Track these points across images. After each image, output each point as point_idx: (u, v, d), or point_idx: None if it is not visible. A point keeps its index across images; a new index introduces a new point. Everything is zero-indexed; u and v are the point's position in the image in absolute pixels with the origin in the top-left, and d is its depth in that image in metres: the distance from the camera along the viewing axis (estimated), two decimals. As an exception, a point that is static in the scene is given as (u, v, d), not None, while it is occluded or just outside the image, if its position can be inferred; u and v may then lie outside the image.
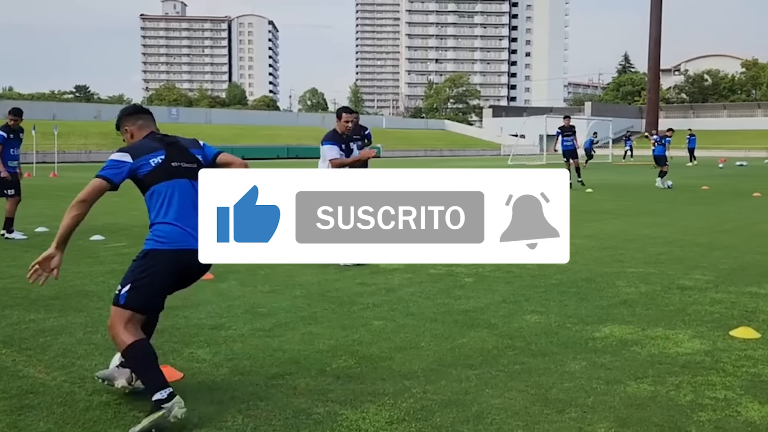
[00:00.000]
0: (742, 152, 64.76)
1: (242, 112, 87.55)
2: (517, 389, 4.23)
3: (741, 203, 16.70)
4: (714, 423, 3.74)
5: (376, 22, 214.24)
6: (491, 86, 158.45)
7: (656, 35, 77.18)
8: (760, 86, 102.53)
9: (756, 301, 6.52)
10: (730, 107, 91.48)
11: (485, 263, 8.44)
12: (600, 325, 5.70)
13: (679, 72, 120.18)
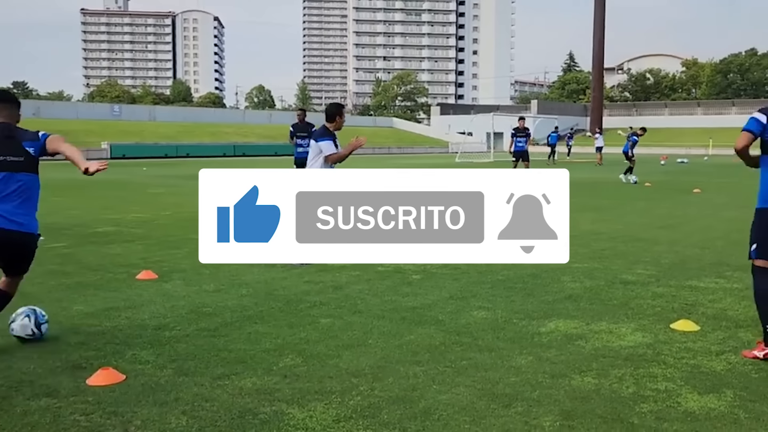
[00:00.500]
0: (682, 150, 66.48)
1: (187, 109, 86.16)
2: (464, 384, 4.25)
3: (682, 199, 17.14)
4: (655, 414, 3.82)
5: (323, 19, 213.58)
6: (439, 84, 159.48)
7: (600, 35, 78.67)
8: (699, 85, 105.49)
9: (696, 295, 6.68)
10: (671, 105, 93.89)
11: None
12: (546, 320, 5.77)
13: (623, 71, 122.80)
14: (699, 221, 12.57)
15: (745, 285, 7.03)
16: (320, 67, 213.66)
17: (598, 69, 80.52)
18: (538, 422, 3.70)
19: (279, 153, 55.22)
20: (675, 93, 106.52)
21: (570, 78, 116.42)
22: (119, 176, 26.70)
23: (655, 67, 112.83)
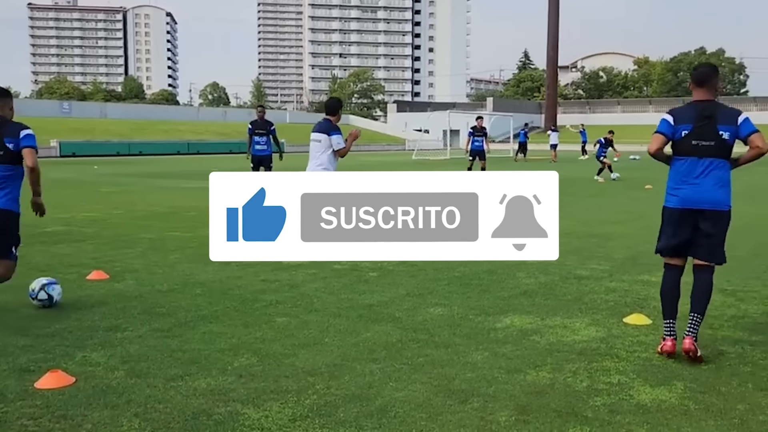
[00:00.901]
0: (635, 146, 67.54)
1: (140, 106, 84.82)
2: (420, 381, 4.25)
3: (634, 195, 17.45)
4: (608, 407, 3.87)
5: (278, 15, 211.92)
6: (395, 81, 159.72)
7: (554, 33, 79.66)
8: (651, 83, 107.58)
9: (648, 289, 6.80)
10: (624, 103, 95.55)
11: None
12: (501, 315, 5.81)
13: (576, 69, 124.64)
14: (651, 217, 12.77)
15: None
16: (276, 64, 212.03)
17: (553, 67, 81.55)
18: (494, 417, 3.72)
19: (234, 150, 54.66)
20: (627, 91, 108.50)
21: (525, 76, 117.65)
22: (69, 175, 26.14)
23: (608, 65, 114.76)
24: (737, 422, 3.66)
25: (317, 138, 8.87)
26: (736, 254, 5.85)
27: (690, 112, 4.87)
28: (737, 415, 3.74)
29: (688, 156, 4.85)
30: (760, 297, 6.44)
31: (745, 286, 6.87)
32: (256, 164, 15.78)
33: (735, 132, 4.78)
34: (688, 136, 4.82)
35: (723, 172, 4.84)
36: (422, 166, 34.70)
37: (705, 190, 4.81)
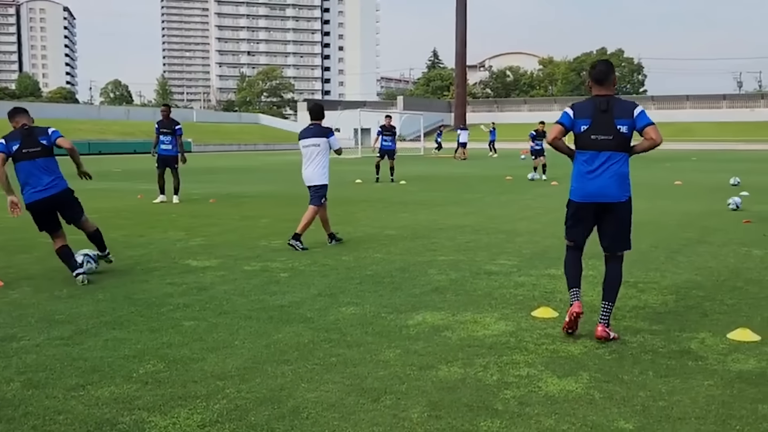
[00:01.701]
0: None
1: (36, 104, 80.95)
2: (332, 381, 4.21)
3: (541, 191, 17.93)
4: (518, 399, 3.94)
5: (183, 12, 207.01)
6: (305, 80, 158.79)
7: (462, 33, 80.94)
8: (555, 82, 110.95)
9: (554, 283, 6.98)
10: (530, 102, 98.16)
11: (301, 258, 8.41)
12: (413, 312, 5.84)
13: (484, 68, 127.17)
14: (557, 212, 13.16)
15: (598, 272, 7.41)
16: (181, 62, 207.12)
17: (461, 66, 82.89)
18: (407, 414, 3.72)
19: (138, 150, 53.11)
20: (533, 90, 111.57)
21: (434, 75, 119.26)
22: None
23: (515, 65, 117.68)
24: (639, 409, 3.79)
25: (316, 142, 9.48)
26: (637, 248, 6.07)
27: (589, 107, 5.07)
28: (639, 402, 3.88)
29: (588, 150, 5.06)
30: (659, 288, 6.72)
31: (645, 277, 7.15)
32: (161, 164, 15.41)
33: (632, 125, 4.98)
34: (588, 131, 5.03)
35: (622, 165, 5.04)
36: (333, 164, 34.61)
37: (605, 183, 5.02)
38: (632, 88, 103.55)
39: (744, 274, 7.36)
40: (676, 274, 7.35)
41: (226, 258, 8.36)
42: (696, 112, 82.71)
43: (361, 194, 17.50)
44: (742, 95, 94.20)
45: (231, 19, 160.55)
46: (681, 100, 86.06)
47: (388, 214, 12.95)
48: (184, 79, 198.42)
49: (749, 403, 3.86)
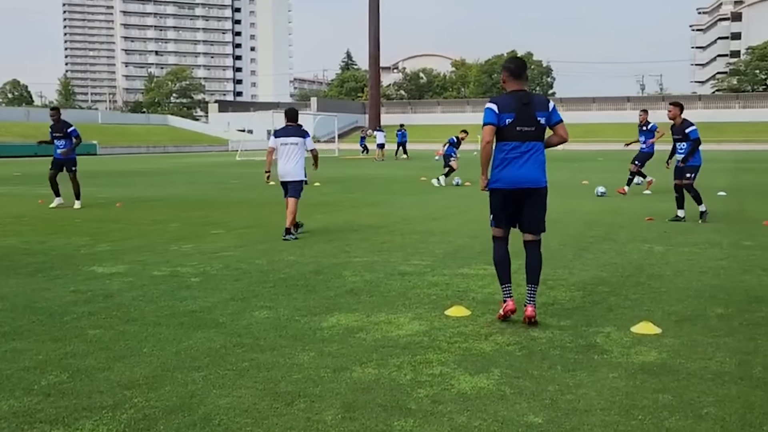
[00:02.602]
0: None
1: (-72, 105, 76.77)
2: (245, 386, 4.14)
3: (454, 192, 18.20)
4: (431, 398, 3.97)
5: (86, 9, 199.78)
6: (216, 80, 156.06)
7: (375, 34, 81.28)
8: (468, 84, 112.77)
9: (467, 282, 7.09)
10: (444, 103, 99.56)
11: (212, 262, 8.25)
12: (327, 315, 5.81)
13: (398, 70, 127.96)
14: (469, 212, 13.41)
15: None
16: (85, 61, 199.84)
17: (375, 68, 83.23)
18: (321, 417, 3.70)
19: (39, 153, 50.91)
20: (446, 92, 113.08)
21: (348, 76, 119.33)
22: None
23: (428, 66, 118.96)
24: (548, 403, 3.89)
25: (294, 141, 10.30)
26: (546, 246, 6.25)
27: (511, 101, 5.43)
28: (548, 396, 3.98)
29: (514, 141, 5.42)
30: (567, 285, 6.92)
31: (554, 275, 7.35)
32: (56, 167, 14.97)
33: (548, 117, 5.46)
34: (513, 123, 5.39)
35: (542, 153, 5.52)
36: (246, 166, 34.18)
37: (529, 170, 5.43)
38: (542, 90, 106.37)
39: (646, 269, 7.67)
40: (583, 271, 7.59)
41: (134, 263, 8.11)
42: (602, 114, 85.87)
43: (275, 196, 17.29)
44: (645, 97, 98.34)
45: (137, 18, 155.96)
46: (587, 102, 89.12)
47: (301, 216, 12.84)
48: (88, 80, 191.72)
49: (651, 393, 4.01)
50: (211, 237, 10.29)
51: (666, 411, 3.76)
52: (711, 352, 4.76)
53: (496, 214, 5.64)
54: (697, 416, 3.69)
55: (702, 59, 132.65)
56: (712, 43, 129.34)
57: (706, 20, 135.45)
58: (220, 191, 19.10)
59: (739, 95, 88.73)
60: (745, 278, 7.18)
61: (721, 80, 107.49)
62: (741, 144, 66.62)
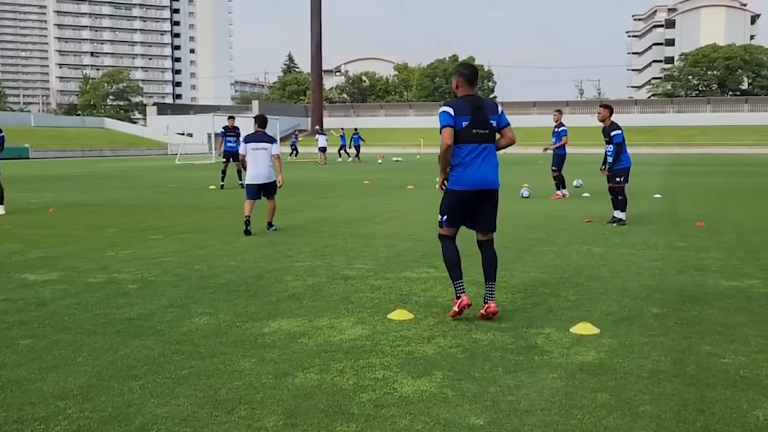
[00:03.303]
0: (398, 149, 71.03)
1: None
2: (184, 395, 4.06)
3: (398, 195, 18.25)
4: (374, 402, 3.96)
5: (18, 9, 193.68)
6: (155, 83, 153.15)
7: (317, 37, 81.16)
8: (410, 88, 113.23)
9: (410, 285, 7.10)
10: (387, 107, 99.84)
11: (151, 268, 8.08)
12: (269, 320, 5.75)
13: (340, 73, 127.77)
14: (413, 215, 13.45)
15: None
16: (16, 62, 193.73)
17: (317, 71, 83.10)
18: (262, 424, 3.64)
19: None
20: (389, 95, 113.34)
21: (290, 79, 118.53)
22: None
23: (371, 70, 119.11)
24: (489, 404, 3.91)
25: (264, 147, 11.06)
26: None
27: (466, 105, 5.60)
28: (489, 398, 4.01)
29: (470, 143, 5.57)
30: (509, 287, 7.00)
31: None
32: None
33: (499, 120, 5.70)
34: (469, 126, 5.55)
35: (495, 155, 5.74)
36: (186, 170, 33.65)
37: (486, 172, 5.63)
38: (483, 94, 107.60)
39: (585, 270, 7.82)
40: (524, 273, 7.69)
41: (69, 270, 7.88)
42: (542, 118, 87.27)
43: (215, 201, 17.10)
44: (583, 102, 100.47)
45: (72, 18, 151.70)
46: (528, 106, 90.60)
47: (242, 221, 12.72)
48: (20, 81, 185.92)
49: (589, 393, 4.08)
50: (149, 242, 10.08)
51: (604, 410, 3.83)
52: (647, 351, 4.88)
53: (451, 214, 5.75)
54: (634, 414, 3.77)
55: (638, 65, 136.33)
56: (648, 49, 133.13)
57: (642, 27, 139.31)
58: (159, 196, 18.74)
59: (674, 100, 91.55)
60: (679, 278, 7.39)
61: (656, 85, 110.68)
62: (675, 147, 68.66)
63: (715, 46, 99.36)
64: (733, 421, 3.67)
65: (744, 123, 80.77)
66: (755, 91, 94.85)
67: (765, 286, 6.95)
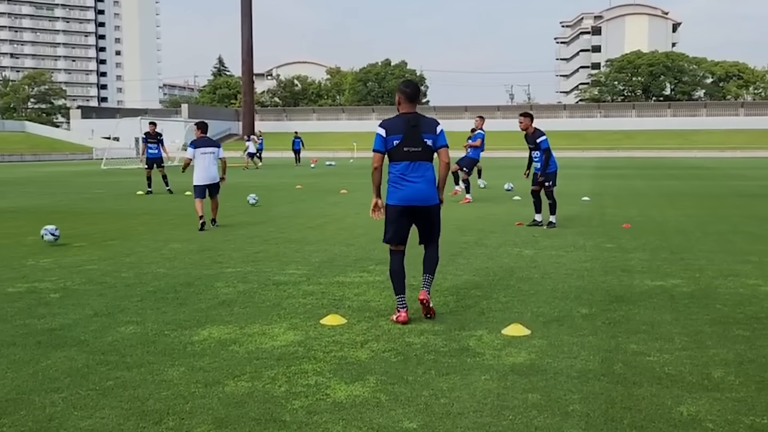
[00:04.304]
0: (330, 153, 70.87)
1: None
2: (110, 406, 3.92)
3: (330, 200, 18.16)
4: (306, 408, 3.90)
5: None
6: (79, 85, 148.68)
7: (248, 41, 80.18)
8: (343, 92, 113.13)
9: (343, 290, 7.06)
10: (319, 111, 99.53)
11: (74, 276, 7.81)
12: (199, 328, 5.62)
13: (272, 77, 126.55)
14: (346, 220, 13.41)
15: (385, 277, 7.63)
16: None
17: (248, 74, 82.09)
18: (192, 436, 3.55)
19: None
20: (322, 99, 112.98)
21: (221, 82, 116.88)
22: None
23: (303, 74, 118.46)
24: (422, 407, 3.91)
25: (211, 151, 12.02)
26: (418, 251, 6.32)
27: (400, 123, 5.74)
28: (422, 401, 4.00)
29: (402, 161, 5.71)
30: (441, 290, 7.03)
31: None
32: None
33: (435, 140, 5.76)
34: (400, 144, 5.69)
35: (430, 172, 5.79)
36: (112, 175, 32.78)
37: (419, 189, 5.72)
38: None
39: (516, 272, 7.93)
40: (457, 276, 7.75)
41: (-13, 280, 7.55)
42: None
43: (143, 206, 16.69)
44: (514, 106, 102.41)
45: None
46: (460, 111, 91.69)
47: (171, 228, 12.45)
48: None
49: (520, 393, 4.13)
50: (73, 250, 9.75)
51: (535, 410, 3.87)
52: (576, 351, 4.97)
53: (390, 230, 5.82)
54: (564, 414, 3.82)
55: (566, 70, 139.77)
56: (575, 56, 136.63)
57: (569, 33, 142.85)
58: (84, 202, 18.18)
59: (601, 105, 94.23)
60: (606, 279, 7.57)
61: (584, 91, 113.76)
62: (602, 151, 70.62)
63: (639, 52, 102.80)
64: (659, 418, 3.76)
65: (667, 127, 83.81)
66: (677, 96, 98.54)
67: (688, 286, 7.19)
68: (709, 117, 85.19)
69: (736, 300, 6.53)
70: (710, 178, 27.64)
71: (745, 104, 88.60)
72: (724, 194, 19.43)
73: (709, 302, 6.45)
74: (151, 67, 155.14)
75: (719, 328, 5.57)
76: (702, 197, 18.36)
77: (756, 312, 6.07)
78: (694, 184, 24.18)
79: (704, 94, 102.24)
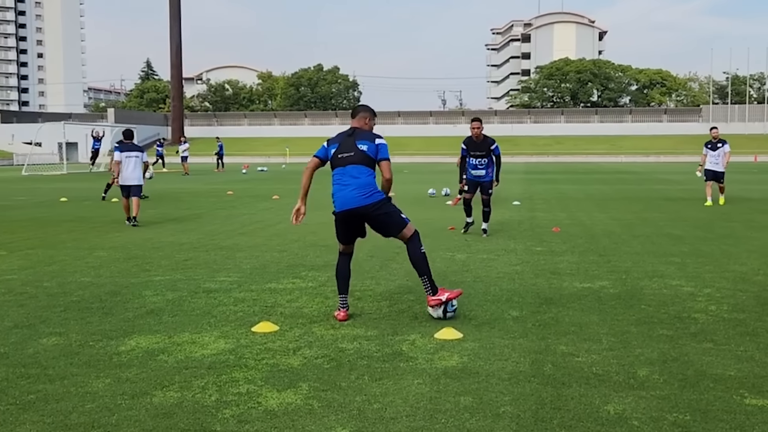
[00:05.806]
0: (262, 158, 70.15)
1: None
2: (31, 421, 3.77)
3: (262, 206, 17.95)
4: (237, 417, 3.83)
5: None
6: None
7: (177, 44, 78.67)
8: (275, 97, 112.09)
9: (275, 297, 6.98)
10: (251, 116, 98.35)
11: (-6, 285, 7.50)
12: (125, 338, 5.46)
13: (202, 81, 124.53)
14: (278, 226, 13.26)
15: (318, 283, 7.59)
16: None
17: (177, 78, 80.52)
18: (117, 450, 3.43)
19: None
20: (253, 104, 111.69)
21: (149, 86, 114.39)
22: None
23: (233, 78, 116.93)
24: (356, 413, 3.89)
25: (136, 155, 13.59)
26: (354, 258, 6.32)
27: (340, 136, 6.18)
28: (355, 407, 3.98)
29: (338, 167, 6.03)
30: (374, 295, 7.03)
31: (361, 285, 7.44)
32: None
33: (374, 149, 6.03)
34: (336, 152, 6.07)
35: (365, 176, 5.96)
36: (34, 181, 31.68)
37: (349, 193, 5.92)
38: (348, 104, 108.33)
39: (449, 276, 7.99)
40: (390, 281, 7.76)
41: None
42: (407, 128, 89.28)
43: (67, 214, 16.17)
44: (446, 112, 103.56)
45: None
46: (393, 116, 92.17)
47: (97, 235, 12.10)
48: None
49: (453, 397, 4.15)
50: (-8, 259, 9.35)
51: (467, 412, 3.90)
52: (507, 353, 5.03)
53: (338, 232, 6.17)
54: (496, 415, 3.86)
55: (497, 76, 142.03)
56: (506, 62, 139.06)
57: (500, 40, 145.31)
58: (3, 210, 17.50)
59: (531, 111, 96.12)
60: (536, 281, 7.70)
61: (515, 96, 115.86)
62: (532, 156, 72.00)
63: (568, 59, 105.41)
64: (587, 417, 3.84)
65: (594, 133, 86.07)
66: (604, 103, 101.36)
67: (615, 287, 7.38)
68: (635, 123, 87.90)
69: (660, 300, 6.74)
70: (636, 183, 28.52)
71: (668, 111, 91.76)
72: (650, 198, 20.07)
73: (635, 303, 6.63)
74: (75, 71, 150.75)
75: (644, 328, 5.73)
76: (628, 201, 18.91)
77: (678, 312, 6.28)
78: (621, 188, 24.90)
79: (629, 100, 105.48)
